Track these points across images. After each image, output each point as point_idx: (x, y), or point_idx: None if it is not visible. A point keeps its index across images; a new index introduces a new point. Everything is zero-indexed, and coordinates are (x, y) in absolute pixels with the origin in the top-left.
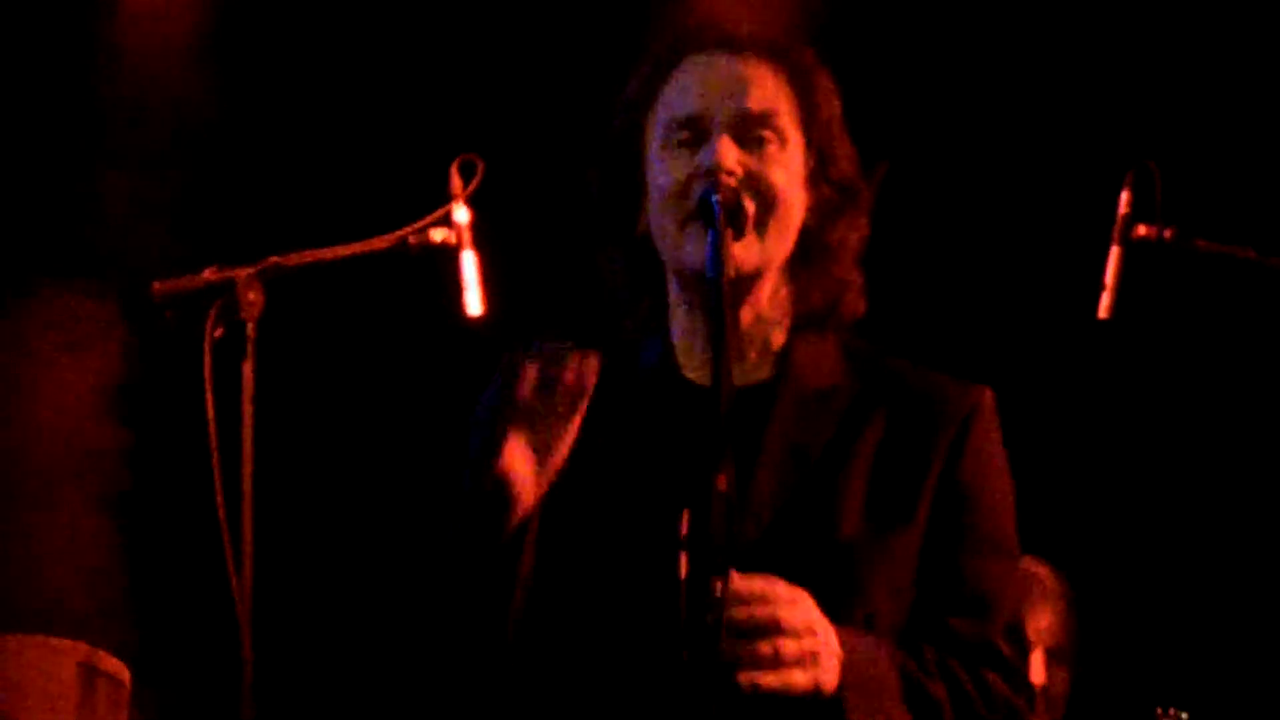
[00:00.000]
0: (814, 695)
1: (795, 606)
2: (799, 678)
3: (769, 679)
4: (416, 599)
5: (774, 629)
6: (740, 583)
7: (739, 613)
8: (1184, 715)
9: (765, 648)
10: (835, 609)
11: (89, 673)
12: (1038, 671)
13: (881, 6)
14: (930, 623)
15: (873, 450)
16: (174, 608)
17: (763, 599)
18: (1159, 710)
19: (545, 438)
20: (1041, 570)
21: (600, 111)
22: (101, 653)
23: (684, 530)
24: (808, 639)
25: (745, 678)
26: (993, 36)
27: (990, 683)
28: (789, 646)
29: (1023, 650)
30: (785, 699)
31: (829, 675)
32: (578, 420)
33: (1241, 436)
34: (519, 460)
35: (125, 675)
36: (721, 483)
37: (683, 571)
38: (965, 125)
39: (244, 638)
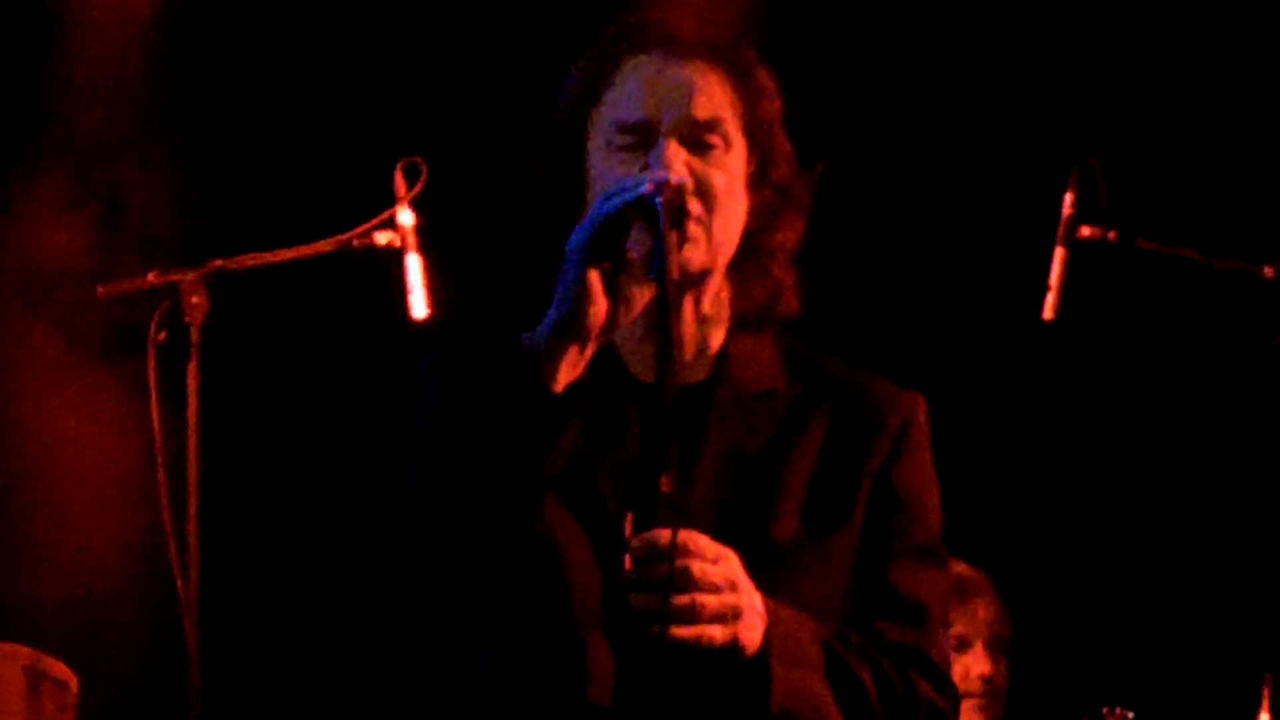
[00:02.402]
0: (734, 654)
1: (718, 563)
2: (716, 632)
3: (684, 631)
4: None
5: (692, 582)
6: (661, 536)
7: (657, 566)
8: (1130, 715)
9: (682, 600)
10: None
11: (35, 677)
12: (981, 662)
13: (823, 5)
14: (861, 628)
15: (811, 453)
16: (121, 612)
17: (682, 552)
18: (1105, 710)
19: None
20: (969, 569)
21: (543, 110)
22: (47, 657)
23: (628, 532)
24: (729, 595)
25: (658, 628)
26: (934, 37)
27: (915, 683)
28: (708, 600)
29: (947, 658)
30: (709, 657)
31: (751, 634)
32: None
33: (1185, 436)
34: None
35: (72, 680)
36: (665, 484)
37: (629, 569)
38: (908, 126)
39: (190, 641)
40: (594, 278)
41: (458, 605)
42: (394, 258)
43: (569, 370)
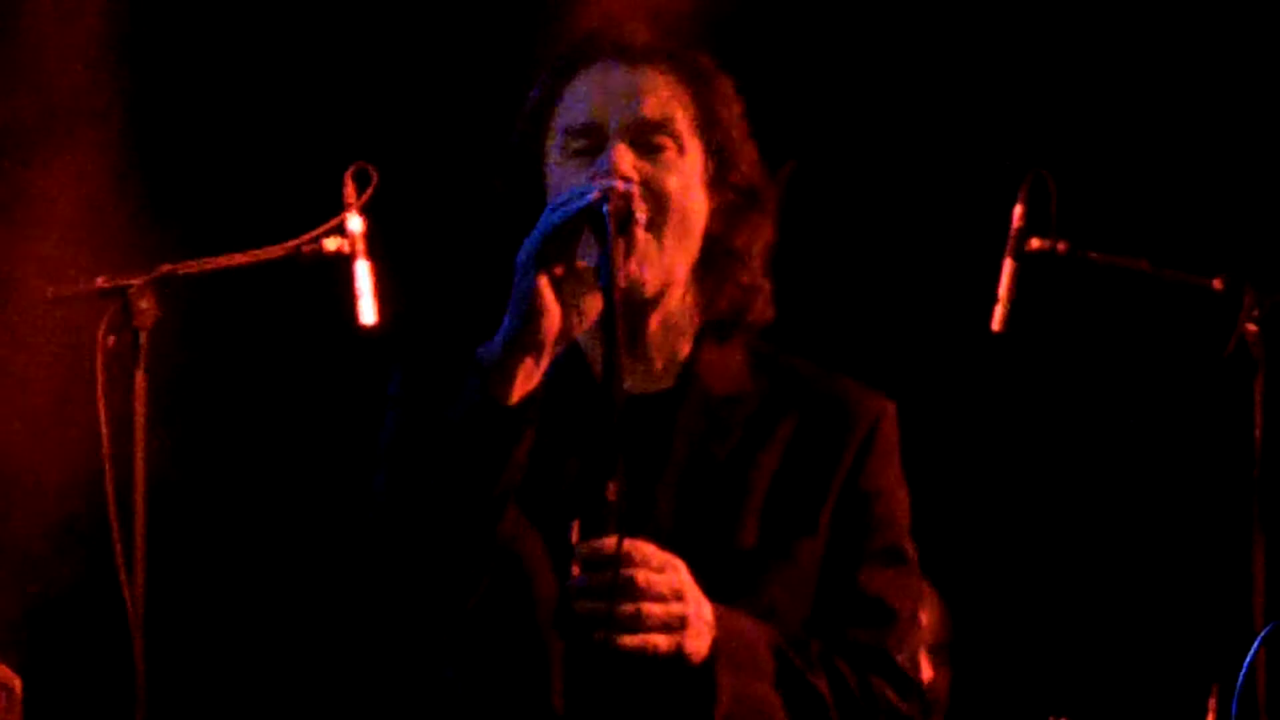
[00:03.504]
0: (680, 662)
1: (664, 572)
2: (661, 641)
3: (628, 639)
4: (352, 596)
5: (637, 591)
6: (606, 544)
7: (602, 574)
8: None
9: (627, 608)
10: None
11: None
12: (924, 670)
13: (776, 14)
14: (826, 632)
15: (779, 456)
16: (66, 615)
17: (628, 561)
18: (1050, 718)
19: None
20: None
21: (499, 118)
22: None
23: (575, 539)
24: (675, 604)
25: (602, 635)
26: (883, 49)
27: (876, 687)
28: (653, 609)
29: (915, 661)
30: (654, 665)
31: (698, 643)
32: None
33: (1134, 448)
34: None
35: (16, 684)
36: (611, 492)
37: (575, 576)
38: (855, 137)
39: (136, 646)
40: (545, 288)
41: (420, 615)
42: (343, 263)
43: (524, 382)
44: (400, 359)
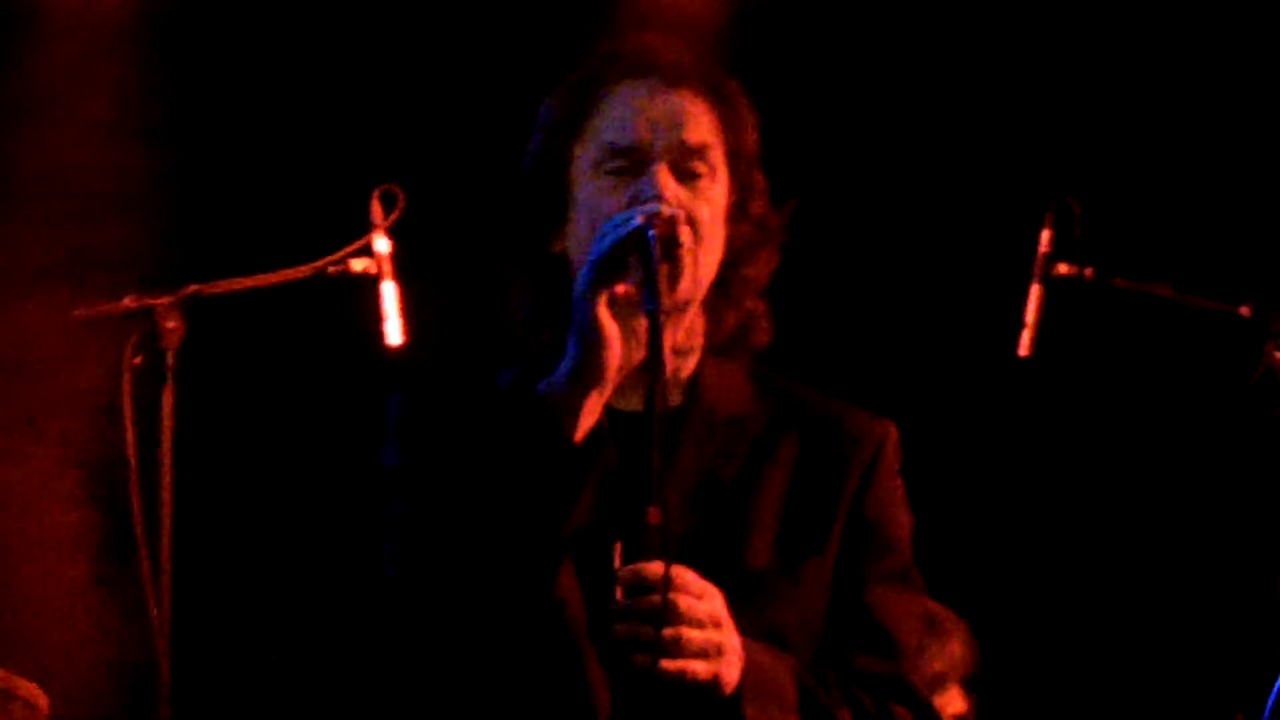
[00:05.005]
0: (713, 690)
1: (703, 599)
2: (700, 668)
3: (669, 664)
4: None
5: (679, 616)
6: (649, 568)
7: (646, 598)
8: None
9: (668, 633)
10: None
11: (3, 697)
12: (956, 700)
13: (800, 40)
14: (837, 658)
15: (784, 478)
16: (92, 633)
17: (671, 587)
18: None
19: None
20: (941, 607)
21: (522, 137)
22: (17, 678)
23: (617, 562)
24: (712, 631)
25: (643, 659)
26: (912, 73)
27: (895, 714)
28: (693, 635)
29: (929, 684)
30: (688, 692)
31: (730, 672)
32: None
33: (1160, 474)
34: None
35: (41, 700)
36: (654, 515)
37: (619, 599)
38: (883, 162)
39: (161, 664)
40: (605, 317)
41: (461, 661)
42: (370, 285)
43: (589, 417)
44: (402, 386)
